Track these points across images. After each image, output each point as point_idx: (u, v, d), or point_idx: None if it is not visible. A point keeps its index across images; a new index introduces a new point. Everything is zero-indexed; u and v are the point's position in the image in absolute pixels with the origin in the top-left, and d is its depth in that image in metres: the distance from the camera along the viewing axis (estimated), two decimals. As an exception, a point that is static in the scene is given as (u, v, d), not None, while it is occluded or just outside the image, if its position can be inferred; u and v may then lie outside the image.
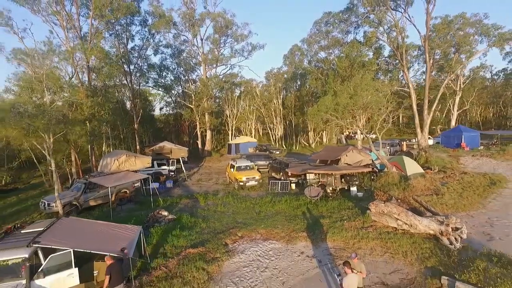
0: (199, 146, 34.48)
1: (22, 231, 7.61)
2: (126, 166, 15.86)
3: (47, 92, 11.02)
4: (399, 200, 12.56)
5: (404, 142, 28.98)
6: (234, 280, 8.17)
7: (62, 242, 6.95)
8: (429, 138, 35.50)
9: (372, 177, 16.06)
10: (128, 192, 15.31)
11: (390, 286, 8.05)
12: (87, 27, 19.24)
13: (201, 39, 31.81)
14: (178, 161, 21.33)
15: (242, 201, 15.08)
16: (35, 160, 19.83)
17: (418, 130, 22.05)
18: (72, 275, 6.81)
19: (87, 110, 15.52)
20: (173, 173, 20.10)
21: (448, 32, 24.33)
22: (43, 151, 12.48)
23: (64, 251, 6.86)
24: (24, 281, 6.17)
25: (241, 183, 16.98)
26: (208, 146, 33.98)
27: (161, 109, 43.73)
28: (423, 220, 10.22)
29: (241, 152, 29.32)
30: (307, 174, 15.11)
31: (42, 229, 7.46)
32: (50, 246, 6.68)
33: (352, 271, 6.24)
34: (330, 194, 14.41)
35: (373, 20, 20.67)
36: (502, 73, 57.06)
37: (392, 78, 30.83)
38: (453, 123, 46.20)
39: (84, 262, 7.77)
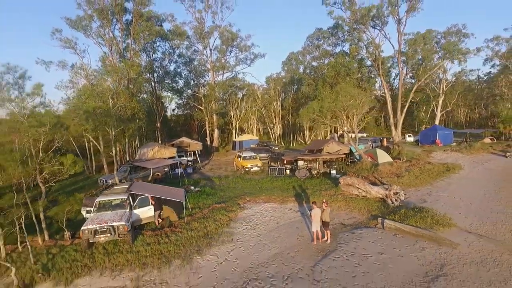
0: (208, 142, 39.08)
1: (115, 187, 12.18)
2: (158, 155, 20.42)
3: (110, 100, 15.53)
4: (363, 177, 17.09)
5: (385, 139, 33.41)
6: (245, 221, 12.74)
7: (142, 191, 11.53)
8: (409, 135, 40.14)
9: (348, 163, 20.60)
10: (160, 174, 19.89)
11: (346, 224, 12.64)
12: (124, 43, 23.91)
13: (210, 49, 36.53)
14: (194, 153, 25.90)
15: (247, 181, 19.68)
16: (78, 152, 24.37)
17: (393, 128, 26.60)
18: (150, 210, 11.37)
19: (129, 111, 20.03)
20: (190, 162, 24.66)
21: (415, 48, 28.83)
22: (98, 145, 16.97)
23: (144, 196, 11.42)
24: (127, 210, 10.73)
25: (247, 169, 21.56)
26: (215, 143, 38.58)
27: (173, 110, 48.56)
28: (375, 187, 14.76)
29: (245, 147, 33.86)
30: (298, 161, 19.66)
31: (127, 186, 12.04)
32: (136, 193, 11.26)
33: (316, 207, 10.77)
34: (315, 175, 18.99)
35: (354, 38, 25.24)
36: (486, 77, 61.57)
37: (371, 84, 35.31)
38: (436, 123, 50.50)
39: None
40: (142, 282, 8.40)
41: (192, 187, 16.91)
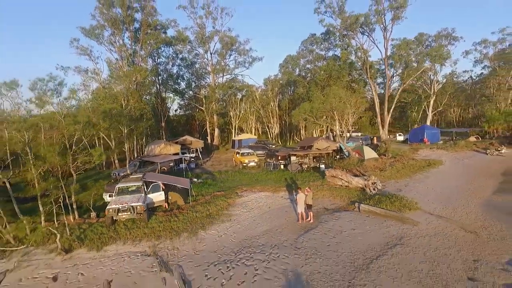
0: (209, 141, 41.15)
1: (130, 177, 14.27)
2: (164, 151, 22.49)
3: (124, 101, 17.61)
4: (347, 170, 19.16)
5: (375, 137, 35.46)
6: (242, 205, 14.82)
7: (154, 179, 13.61)
8: (399, 135, 42.21)
9: (335, 158, 22.69)
10: (166, 168, 21.95)
11: (329, 209, 14.71)
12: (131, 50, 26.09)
13: (210, 53, 38.64)
14: (196, 150, 27.97)
15: (245, 174, 21.76)
16: (88, 148, 26.37)
17: (380, 127, 28.66)
18: (161, 195, 13.46)
19: (138, 112, 22.09)
20: (193, 159, 26.75)
21: (401, 53, 30.94)
22: (109, 142, 19.00)
23: (156, 183, 13.50)
24: (143, 194, 12.80)
25: (244, 164, 23.64)
26: (216, 142, 40.67)
27: (175, 110, 50.74)
28: (356, 178, 16.84)
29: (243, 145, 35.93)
30: (291, 156, 21.74)
31: (141, 175, 14.12)
32: (150, 180, 13.34)
33: (301, 192, 12.83)
34: (306, 169, 21.06)
35: (343, 43, 27.36)
36: (478, 78, 63.56)
37: (360, 86, 37.41)
38: (428, 122, 52.44)
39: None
40: (158, 248, 10.49)
41: (195, 179, 18.97)
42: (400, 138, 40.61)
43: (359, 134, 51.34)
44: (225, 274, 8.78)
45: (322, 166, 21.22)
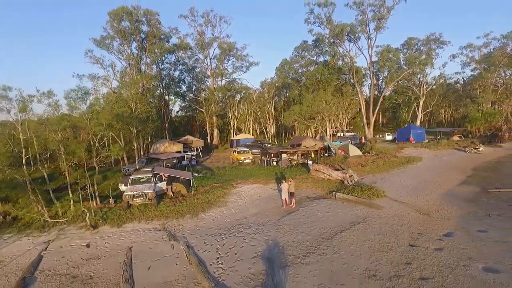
0: (208, 141, 43.71)
1: (141, 170, 16.80)
2: (168, 149, 25.00)
3: (133, 105, 20.10)
4: (330, 165, 21.66)
5: (363, 137, 37.95)
6: (236, 194, 17.32)
7: (161, 172, 16.14)
8: (388, 134, 44.70)
9: (321, 155, 25.19)
10: (169, 165, 24.47)
11: (310, 197, 17.19)
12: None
13: (210, 58, 41.20)
14: (196, 148, 30.52)
15: (240, 170, 24.27)
16: (98, 146, 28.96)
17: (366, 127, 31.15)
18: (164, 184, 15.99)
19: (144, 114, 24.61)
20: (194, 156, 29.30)
21: (384, 60, 33.51)
22: (119, 141, 21.50)
23: (159, 175, 16.02)
24: (152, 184, 15.33)
25: (240, 161, 26.15)
26: (215, 141, 43.21)
27: (177, 112, 53.40)
28: (336, 172, 19.32)
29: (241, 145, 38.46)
30: (282, 154, 24.26)
31: (150, 168, 16.66)
32: (158, 173, 15.87)
33: (285, 182, 15.32)
34: (295, 165, 23.56)
35: (331, 51, 29.89)
36: (467, 79, 65.95)
37: (347, 89, 39.99)
38: (418, 123, 54.91)
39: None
40: (166, 225, 13.01)
41: (196, 174, 21.48)
42: (389, 137, 43.12)
43: (352, 134, 54.01)
44: (220, 242, 11.29)
45: (310, 162, 23.70)
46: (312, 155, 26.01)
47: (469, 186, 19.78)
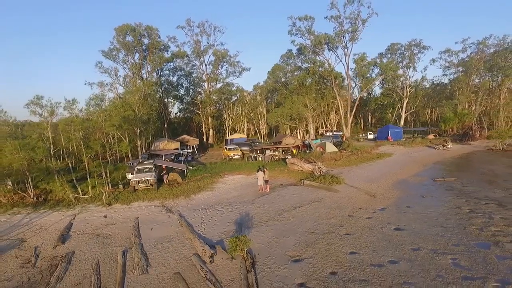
0: (204, 140, 47.41)
1: (144, 162, 20.49)
2: (167, 147, 28.65)
3: (136, 109, 23.77)
4: (304, 159, 25.30)
5: (344, 135, 41.58)
6: (223, 182, 20.95)
7: (160, 164, 19.81)
8: (370, 133, 48.34)
9: (300, 151, 28.84)
10: (168, 160, 28.12)
11: (284, 184, 20.81)
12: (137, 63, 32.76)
13: (205, 65, 44.97)
14: (192, 146, 34.19)
15: (230, 164, 27.94)
16: (105, 145, 32.67)
17: (344, 127, 34.78)
18: (164, 174, 19.63)
19: (146, 116, 28.26)
20: (190, 153, 33.02)
21: (359, 67, 37.20)
22: (124, 140, 25.24)
23: (161, 166, 19.68)
24: (154, 173, 18.98)
25: (230, 157, 29.83)
26: (211, 140, 46.91)
27: (176, 113, 57.18)
28: (307, 164, 22.95)
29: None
30: (266, 150, 27.94)
31: (152, 161, 20.33)
32: (158, 164, 19.54)
33: (260, 171, 18.96)
34: (276, 159, 27.21)
35: (311, 60, 33.59)
36: (449, 82, 69.44)
37: (328, 92, 43.78)
38: (402, 122, 58.48)
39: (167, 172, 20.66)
40: (164, 203, 16.66)
41: (190, 167, 25.13)
42: (371, 136, 46.79)
43: (341, 133, 57.65)
44: (205, 214, 14.92)
45: (289, 157, 27.36)
46: (294, 151, 29.68)
47: (420, 176, 23.35)
